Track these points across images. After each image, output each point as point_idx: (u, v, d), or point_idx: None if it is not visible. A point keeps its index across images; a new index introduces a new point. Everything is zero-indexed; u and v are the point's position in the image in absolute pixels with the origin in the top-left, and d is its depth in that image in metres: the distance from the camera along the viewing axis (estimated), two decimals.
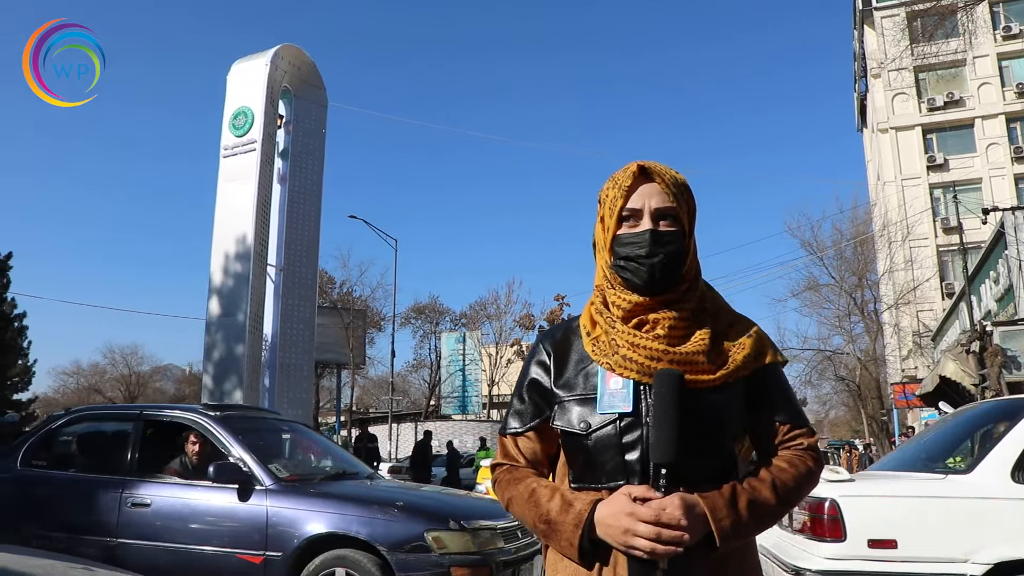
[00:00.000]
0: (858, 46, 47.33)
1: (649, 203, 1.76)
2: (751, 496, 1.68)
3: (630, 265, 1.76)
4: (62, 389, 66.82)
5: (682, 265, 1.78)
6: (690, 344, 1.74)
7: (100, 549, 6.20)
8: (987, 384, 18.74)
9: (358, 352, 42.85)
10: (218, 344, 18.59)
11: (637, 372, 1.72)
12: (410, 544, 5.70)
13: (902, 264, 37.28)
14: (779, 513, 1.74)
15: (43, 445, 7.18)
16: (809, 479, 1.79)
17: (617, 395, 1.74)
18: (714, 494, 1.65)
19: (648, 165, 1.79)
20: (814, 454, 1.83)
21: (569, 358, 1.86)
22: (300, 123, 21.83)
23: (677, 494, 1.61)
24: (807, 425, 1.86)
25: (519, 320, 54.04)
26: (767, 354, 1.84)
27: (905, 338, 37.31)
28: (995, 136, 39.23)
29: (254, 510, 6.03)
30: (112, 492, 6.48)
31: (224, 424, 6.70)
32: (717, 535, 1.61)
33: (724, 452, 1.75)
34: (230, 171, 19.74)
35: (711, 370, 1.73)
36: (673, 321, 1.76)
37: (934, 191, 39.54)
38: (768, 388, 1.82)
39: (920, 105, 40.67)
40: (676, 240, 1.76)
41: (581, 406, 1.78)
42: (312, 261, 21.94)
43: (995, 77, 39.67)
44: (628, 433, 1.71)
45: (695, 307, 1.81)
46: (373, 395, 65.01)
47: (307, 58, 22.31)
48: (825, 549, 5.13)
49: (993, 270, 23.78)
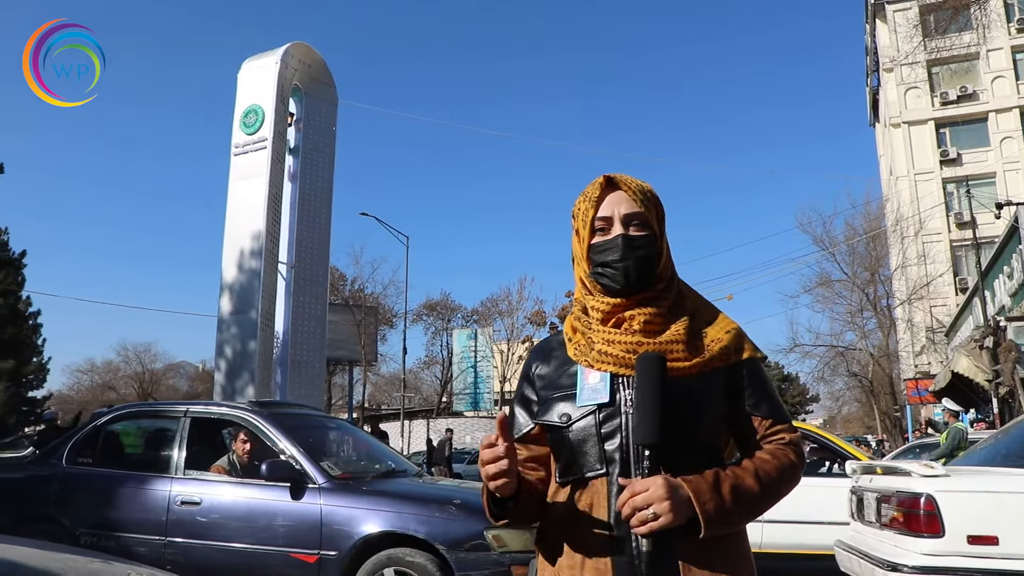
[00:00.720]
0: (870, 41, 47.08)
1: (618, 210, 1.85)
2: (734, 482, 1.70)
3: (607, 271, 1.84)
4: (76, 386, 67.23)
5: (656, 266, 1.86)
6: (666, 335, 1.81)
7: (150, 548, 6.15)
8: (1000, 380, 18.66)
9: (370, 349, 42.98)
10: (230, 341, 18.67)
11: (613, 364, 1.79)
12: (470, 543, 5.60)
13: (915, 259, 37.08)
14: (763, 503, 1.75)
15: (88, 443, 7.06)
16: (792, 473, 1.81)
17: (595, 388, 1.80)
18: (697, 478, 1.68)
19: (615, 176, 1.88)
20: (796, 449, 1.85)
21: (552, 364, 1.94)
22: (310, 121, 21.88)
23: (660, 475, 1.64)
24: (788, 421, 1.89)
25: (531, 316, 53.99)
26: (745, 349, 1.88)
27: (918, 334, 37.15)
28: (1009, 130, 38.94)
29: (308, 509, 5.94)
30: (161, 490, 6.40)
31: (274, 421, 6.60)
32: (702, 518, 1.63)
33: (704, 440, 1.79)
34: (241, 169, 19.80)
35: (687, 358, 1.78)
36: (649, 317, 1.82)
37: (947, 186, 39.30)
38: (747, 382, 1.86)
39: (933, 99, 40.41)
40: (647, 243, 1.85)
41: (563, 402, 1.84)
42: (323, 258, 21.99)
43: (1009, 70, 39.38)
44: (607, 423, 1.77)
45: (672, 304, 1.87)
46: (385, 392, 65.11)
47: (317, 56, 22.35)
48: (922, 545, 5.04)
49: (1007, 265, 23.63)
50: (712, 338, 1.85)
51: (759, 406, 1.85)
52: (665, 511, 1.60)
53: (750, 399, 1.85)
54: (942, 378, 22.00)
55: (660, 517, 1.60)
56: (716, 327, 1.88)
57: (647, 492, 1.61)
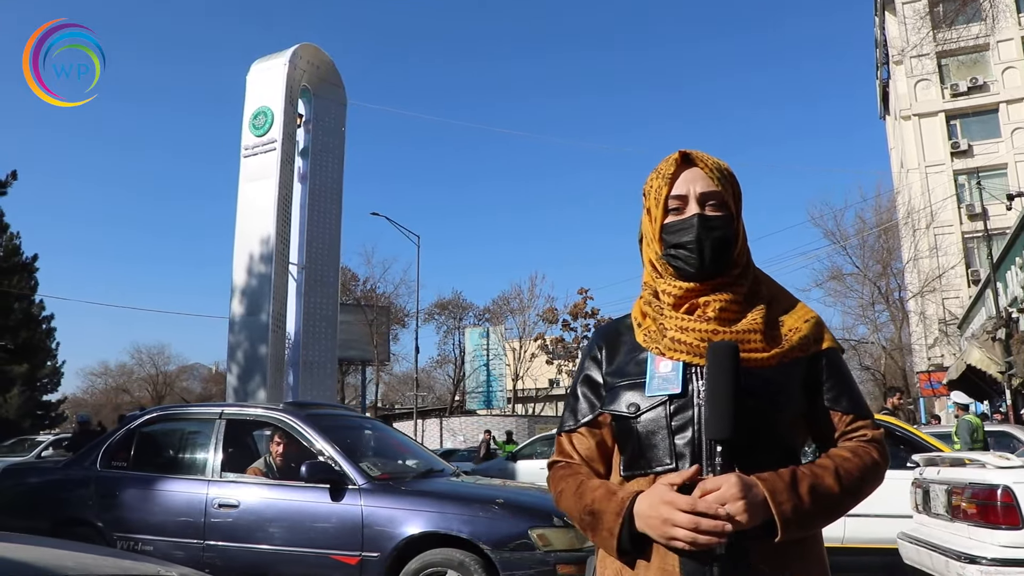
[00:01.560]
0: (879, 33, 46.88)
1: (694, 188, 1.75)
2: (813, 482, 1.60)
3: (680, 252, 1.75)
4: (91, 390, 67.72)
5: (732, 249, 1.77)
6: (743, 323, 1.71)
7: (188, 551, 6.13)
8: (1014, 371, 18.59)
9: (382, 349, 43.12)
10: (242, 344, 18.73)
11: (687, 353, 1.70)
12: (514, 542, 5.55)
13: (927, 251, 36.92)
14: (843, 505, 1.64)
15: (122, 445, 7.06)
16: (875, 472, 1.70)
17: (666, 377, 1.71)
18: (772, 476, 1.58)
19: (690, 152, 1.78)
20: (879, 447, 1.74)
21: (620, 350, 1.84)
22: (320, 122, 21.90)
23: (734, 474, 1.55)
24: (870, 416, 1.79)
25: (542, 314, 53.96)
26: (825, 339, 1.79)
27: (931, 326, 37.01)
28: (1020, 121, 38.68)
29: (349, 510, 5.91)
30: (197, 493, 6.40)
31: (311, 422, 6.58)
32: (779, 520, 1.53)
33: (780, 435, 1.69)
34: (251, 171, 19.85)
35: (765, 348, 1.69)
36: (724, 303, 1.73)
37: (958, 177, 39.08)
38: (827, 374, 1.77)
39: (943, 91, 40.20)
40: (724, 224, 1.75)
41: (631, 391, 1.76)
42: (334, 259, 22.02)
43: (1019, 61, 39.09)
44: (678, 415, 1.68)
45: (748, 291, 1.79)
46: (398, 391, 65.25)
47: (325, 57, 22.38)
48: (1000, 537, 5.00)
49: (1019, 256, 23.51)
50: (790, 327, 1.76)
51: (839, 400, 1.76)
52: (739, 512, 1.50)
53: (829, 393, 1.76)
54: (955, 370, 21.95)
55: (734, 518, 1.50)
56: (794, 316, 1.79)
57: (720, 491, 1.52)
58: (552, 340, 53.67)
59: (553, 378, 57.31)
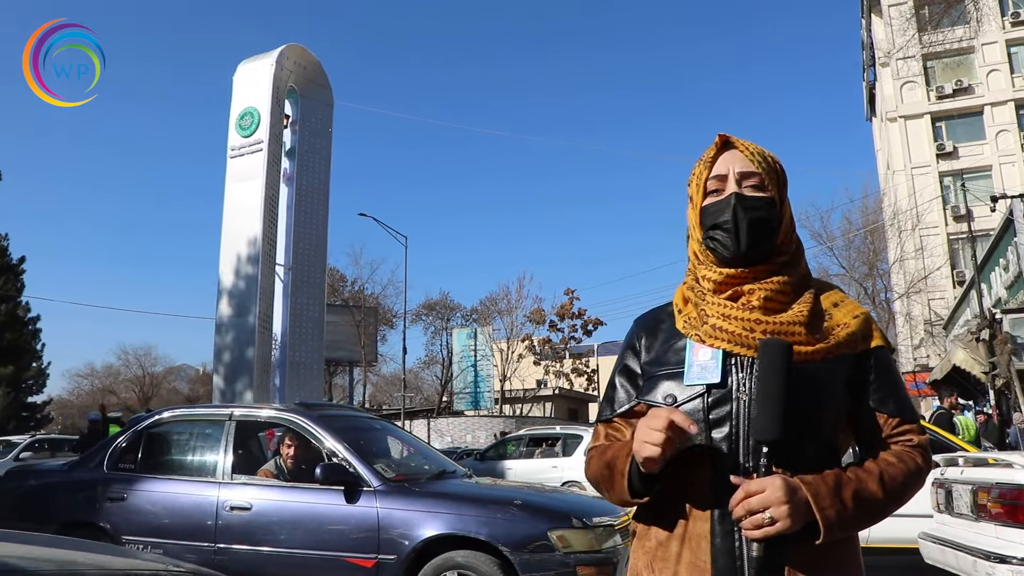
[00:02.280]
0: (866, 35, 47.12)
1: (732, 168, 1.71)
2: (857, 487, 1.56)
3: (718, 234, 1.70)
4: (76, 391, 67.32)
5: (773, 233, 1.72)
6: (788, 315, 1.65)
7: (199, 554, 6.02)
8: (997, 372, 18.70)
9: (370, 349, 43.09)
10: (228, 345, 18.67)
11: (728, 342, 1.64)
12: (533, 544, 5.46)
13: (912, 253, 37.12)
14: (884, 510, 1.60)
15: (130, 447, 6.95)
16: (918, 479, 1.66)
17: (705, 366, 1.65)
18: (816, 479, 1.54)
19: (730, 137, 1.75)
20: (924, 453, 1.69)
21: (659, 337, 1.79)
22: (306, 123, 21.86)
23: (779, 475, 1.52)
24: (917, 420, 1.73)
25: (530, 315, 53.95)
26: (874, 337, 1.72)
27: (917, 327, 37.18)
28: (1004, 123, 38.98)
29: (364, 512, 5.82)
30: (208, 496, 6.31)
31: (324, 424, 6.49)
32: (822, 524, 1.50)
33: (823, 433, 1.64)
34: (237, 171, 19.80)
35: (811, 342, 1.63)
36: (770, 292, 1.67)
37: (944, 179, 39.34)
38: (874, 374, 1.70)
39: (929, 93, 40.45)
40: (763, 205, 1.70)
41: (669, 380, 1.70)
42: (320, 260, 21.98)
43: (1004, 64, 39.39)
44: (716, 408, 1.62)
45: (796, 282, 1.72)
46: (386, 392, 65.16)
47: (312, 57, 22.35)
48: None
49: (1003, 257, 23.69)
50: (838, 322, 1.69)
51: (886, 402, 1.70)
52: (783, 516, 1.47)
53: (876, 394, 1.70)
54: (940, 371, 22.05)
55: (777, 522, 1.47)
56: (842, 310, 1.73)
57: (764, 494, 1.48)
58: (539, 341, 53.67)
59: (540, 379, 57.31)
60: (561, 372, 54.87)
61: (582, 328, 53.60)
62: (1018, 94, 39.03)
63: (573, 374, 54.71)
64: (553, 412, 52.93)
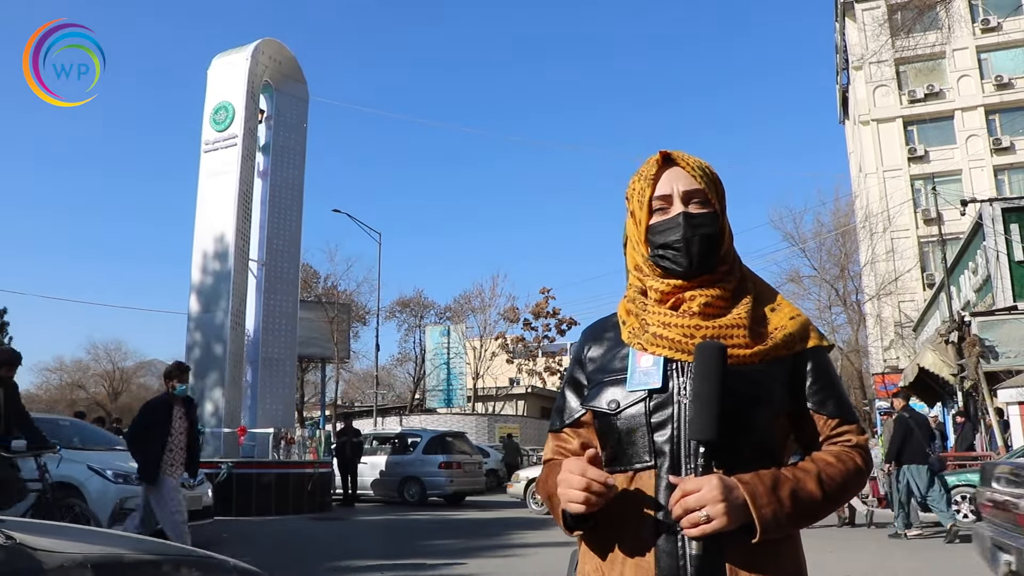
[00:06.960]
0: (839, 39, 47.50)
1: (677, 187, 1.73)
2: (795, 486, 1.58)
3: (667, 252, 1.72)
4: (45, 385, 66.54)
5: (719, 246, 1.74)
6: (727, 318, 1.69)
7: None
8: (965, 374, 18.92)
9: (343, 346, 42.85)
10: (200, 340, 18.60)
11: (668, 348, 1.67)
12: None
13: (884, 255, 37.46)
14: (823, 510, 1.63)
15: None
16: (858, 479, 1.68)
17: (648, 372, 1.68)
18: (753, 479, 1.56)
19: (671, 152, 1.77)
20: (863, 453, 1.71)
21: (605, 346, 1.82)
22: (281, 118, 21.78)
23: (715, 475, 1.53)
24: (856, 420, 1.75)
25: (503, 313, 54.06)
26: (811, 337, 1.75)
27: (887, 329, 37.53)
28: (974, 128, 39.49)
29: None
30: None
31: None
32: (758, 523, 1.52)
33: (761, 434, 1.65)
34: (211, 166, 19.70)
35: (748, 344, 1.66)
36: (709, 299, 1.71)
37: (915, 182, 39.79)
38: (812, 375, 1.73)
39: (901, 97, 40.90)
40: (709, 221, 1.72)
41: (613, 386, 1.72)
42: (294, 256, 21.92)
43: (974, 69, 39.88)
44: (658, 412, 1.65)
45: (735, 288, 1.76)
46: (358, 389, 64.93)
47: (288, 52, 22.25)
48: None
49: (972, 261, 23.96)
50: (776, 325, 1.72)
51: (825, 403, 1.72)
52: (719, 514, 1.49)
53: (815, 395, 1.72)
54: (910, 372, 22.26)
55: (713, 520, 1.49)
56: (780, 314, 1.75)
57: (700, 493, 1.50)
58: (513, 339, 53.74)
59: (513, 377, 57.38)
60: (534, 371, 54.95)
61: (556, 327, 53.74)
62: (988, 99, 39.56)
63: (546, 372, 54.78)
64: (526, 410, 53.01)
